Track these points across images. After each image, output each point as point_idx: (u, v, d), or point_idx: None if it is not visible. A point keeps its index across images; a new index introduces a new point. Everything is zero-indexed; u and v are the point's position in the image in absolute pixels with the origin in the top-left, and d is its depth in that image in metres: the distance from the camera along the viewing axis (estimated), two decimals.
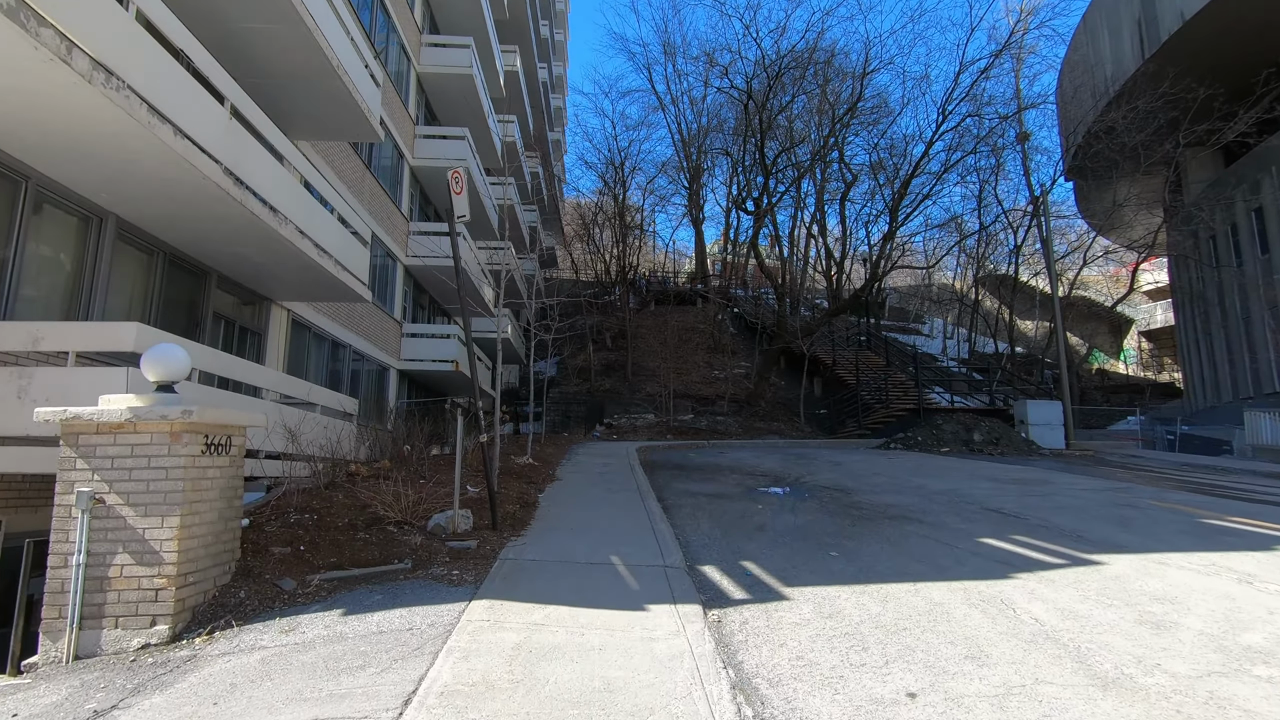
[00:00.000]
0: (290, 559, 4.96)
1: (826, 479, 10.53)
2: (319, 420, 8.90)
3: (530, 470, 9.74)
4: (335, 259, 9.29)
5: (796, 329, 22.99)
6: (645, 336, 31.08)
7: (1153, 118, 21.61)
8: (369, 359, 14.91)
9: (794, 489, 9.43)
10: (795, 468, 12.06)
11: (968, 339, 40.33)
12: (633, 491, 8.68)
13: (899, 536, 6.41)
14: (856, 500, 8.49)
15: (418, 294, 18.81)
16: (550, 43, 39.11)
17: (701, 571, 5.19)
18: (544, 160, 35.62)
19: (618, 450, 14.48)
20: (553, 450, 13.34)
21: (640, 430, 21.53)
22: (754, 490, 9.35)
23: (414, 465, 8.54)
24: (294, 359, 11.26)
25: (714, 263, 42.78)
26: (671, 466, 12.36)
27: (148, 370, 4.40)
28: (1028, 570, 5.18)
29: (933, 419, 17.28)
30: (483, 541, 5.58)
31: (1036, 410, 16.92)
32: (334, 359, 13.11)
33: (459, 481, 5.79)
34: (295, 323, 11.25)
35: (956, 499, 8.56)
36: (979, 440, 16.01)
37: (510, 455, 10.86)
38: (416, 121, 18.33)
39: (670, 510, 7.81)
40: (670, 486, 9.73)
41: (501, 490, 7.69)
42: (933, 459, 13.82)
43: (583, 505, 7.54)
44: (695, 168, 38.97)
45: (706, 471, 11.58)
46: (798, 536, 6.43)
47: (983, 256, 34.07)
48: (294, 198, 8.12)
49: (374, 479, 7.72)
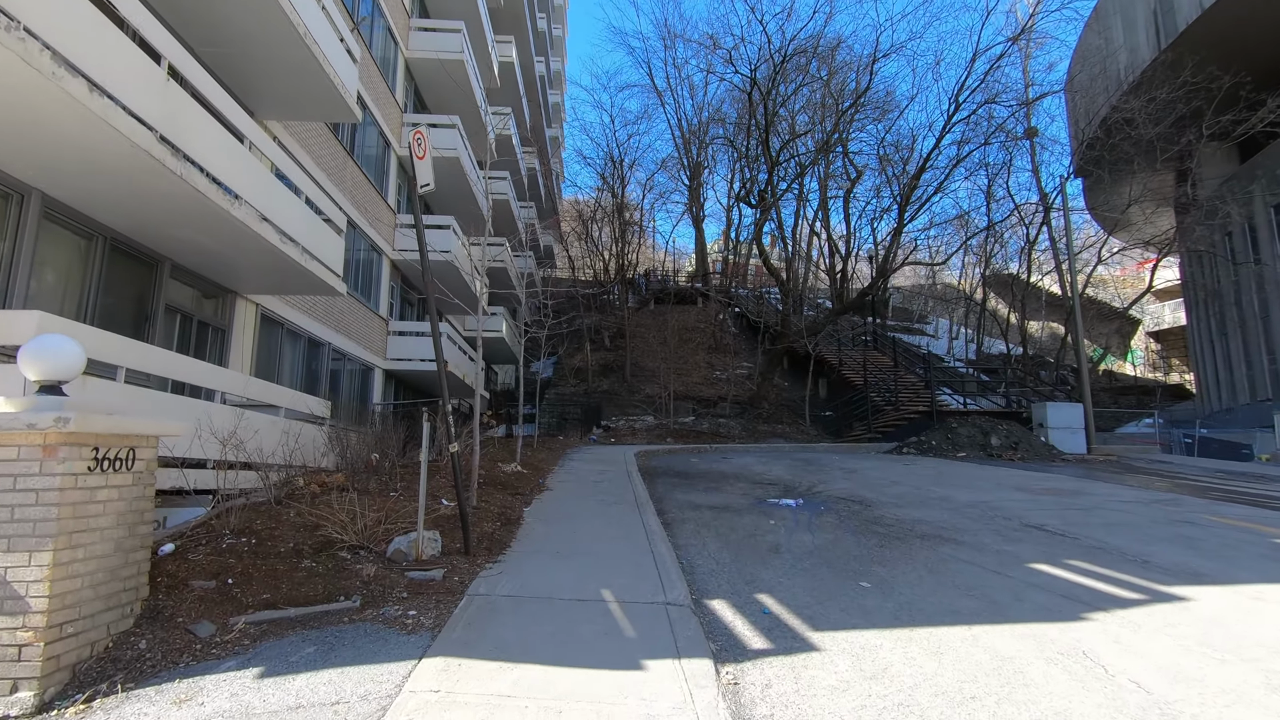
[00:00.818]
0: (214, 596, 4.10)
1: (841, 489, 9.67)
2: (281, 425, 8.04)
3: (517, 479, 8.88)
4: (302, 247, 8.43)
5: (801, 328, 22.14)
6: (644, 336, 30.23)
7: (1172, 108, 20.76)
8: (351, 358, 14.05)
9: (807, 501, 8.57)
10: (805, 475, 11.21)
11: (973, 339, 39.53)
12: (630, 504, 7.82)
13: (937, 561, 5.55)
14: (879, 515, 7.63)
15: (406, 290, 17.95)
16: (548, 37, 38.31)
17: (710, 608, 4.33)
18: (541, 156, 34.80)
19: (615, 455, 13.63)
20: (545, 456, 12.48)
21: (639, 433, 20.67)
22: (763, 502, 8.49)
23: (385, 475, 7.68)
24: (264, 357, 10.40)
25: (715, 262, 41.95)
26: (672, 474, 11.50)
27: (25, 366, 3.54)
28: (1101, 608, 4.33)
29: (947, 422, 16.43)
30: (451, 570, 4.71)
31: (1056, 413, 16.07)
32: (311, 358, 12.25)
33: (424, 498, 4.93)
34: (265, 318, 10.39)
35: (990, 513, 7.70)
36: (997, 445, 15.16)
37: (497, 462, 10.00)
38: (405, 109, 17.49)
39: (672, 527, 6.96)
40: (671, 497, 8.88)
41: (482, 504, 6.83)
42: (951, 466, 12.96)
43: (573, 521, 6.68)
44: (695, 164, 38.16)
45: (710, 480, 10.72)
46: (820, 560, 5.57)
47: (990, 254, 33.24)
48: (251, 176, 7.26)
49: (339, 491, 6.86)
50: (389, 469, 7.98)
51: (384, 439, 9.52)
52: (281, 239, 7.87)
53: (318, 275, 8.92)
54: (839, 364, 23.79)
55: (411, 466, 8.80)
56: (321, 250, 9.07)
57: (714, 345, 29.95)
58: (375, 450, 7.66)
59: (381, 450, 8.86)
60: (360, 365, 14.65)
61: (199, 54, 8.05)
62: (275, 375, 10.73)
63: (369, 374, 15.21)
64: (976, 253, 34.53)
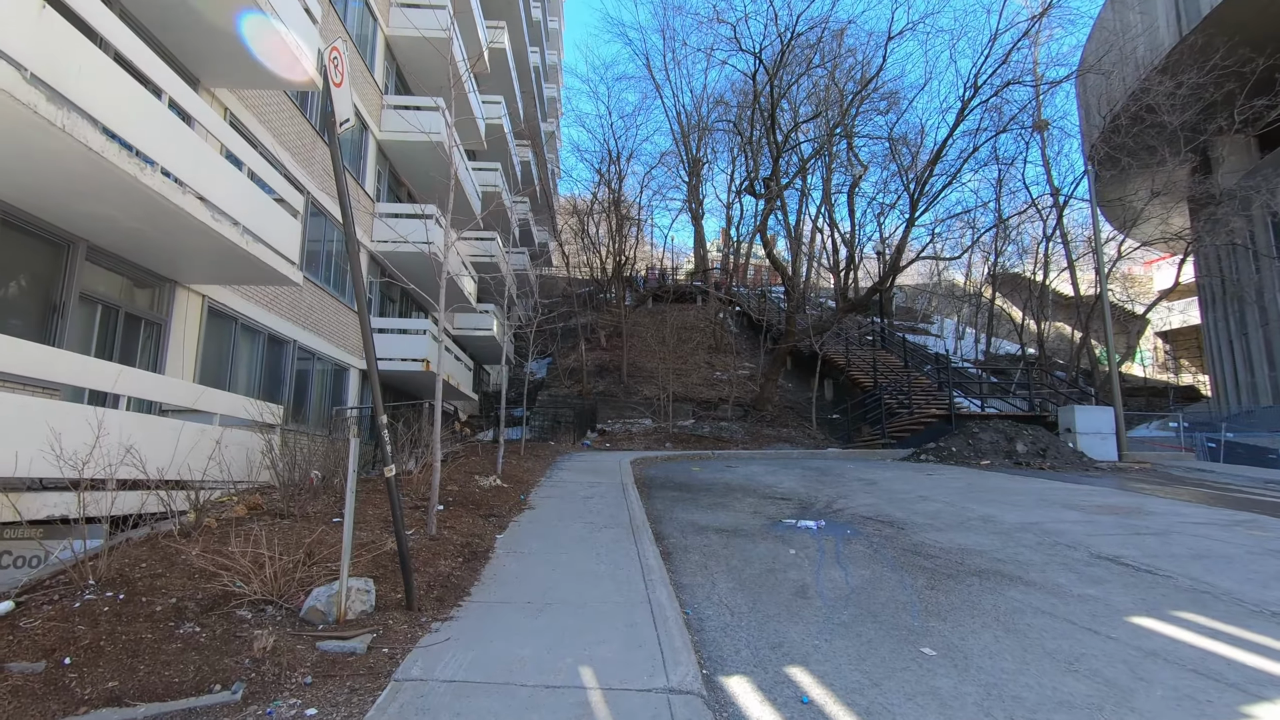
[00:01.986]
0: (36, 687, 2.93)
1: (864, 506, 8.51)
2: (213, 434, 6.87)
3: (495, 496, 7.71)
4: (244, 228, 7.26)
5: (808, 326, 20.98)
6: (642, 335, 29.06)
7: (1201, 93, 19.63)
8: (322, 357, 12.87)
9: (829, 522, 7.41)
10: (821, 488, 10.05)
11: (980, 340, 38.43)
12: (623, 528, 6.66)
13: (1009, 612, 4.39)
14: (918, 541, 6.47)
15: (387, 285, 16.77)
16: (544, 28, 37.15)
17: (729, 695, 3.18)
18: (536, 151, 33.64)
19: (609, 463, 12.46)
20: (531, 465, 11.31)
21: (636, 437, 19.50)
22: (778, 523, 7.33)
23: (336, 494, 6.51)
24: (211, 356, 9.22)
25: (714, 262, 40.82)
26: (672, 486, 10.34)
27: None
28: (1265, 696, 3.17)
29: (967, 427, 15.28)
30: (383, 636, 3.55)
31: (1085, 417, 14.94)
32: (272, 357, 11.07)
33: (350, 535, 3.75)
34: (214, 312, 9.22)
35: (1048, 540, 6.55)
36: (1023, 451, 14.02)
37: (474, 475, 8.83)
38: (385, 91, 16.33)
39: (673, 557, 5.81)
40: (671, 517, 7.72)
41: (445, 533, 5.66)
42: (979, 476, 11.81)
43: (554, 555, 5.51)
44: (695, 159, 37.09)
45: (714, 493, 9.56)
46: (861, 610, 4.42)
47: (1001, 250, 32.15)
48: (171, 139, 6.09)
49: (273, 517, 5.69)
50: (340, 486, 6.80)
51: (338, 448, 8.36)
52: (215, 216, 6.70)
53: (264, 261, 7.75)
54: (846, 364, 22.65)
55: (373, 481, 7.63)
56: (270, 233, 7.90)
57: (714, 345, 28.79)
58: (320, 466, 6.48)
59: (333, 463, 7.69)
60: (333, 365, 13.48)
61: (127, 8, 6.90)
62: (227, 376, 9.57)
63: (343, 375, 14.04)
64: (986, 250, 33.43)
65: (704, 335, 29.82)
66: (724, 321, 30.66)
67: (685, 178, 37.70)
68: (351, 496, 3.76)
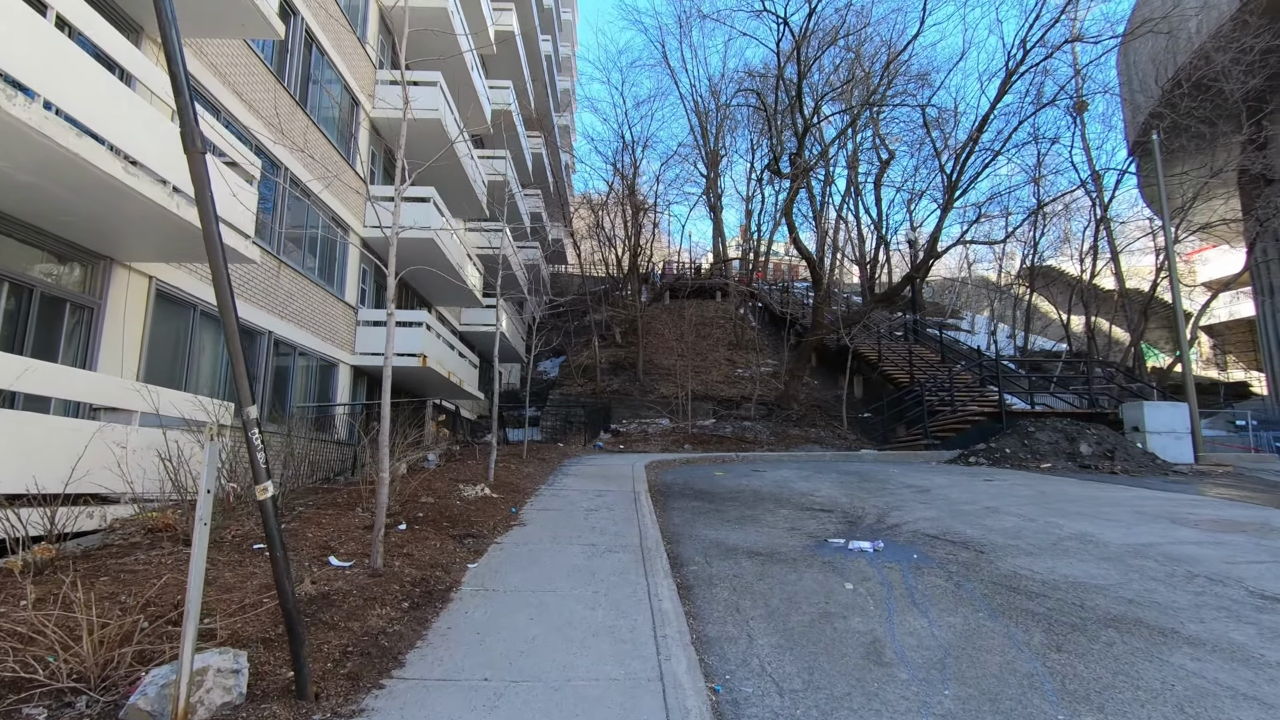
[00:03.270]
0: None
1: (924, 520, 7.09)
2: (145, 438, 5.66)
3: (479, 510, 6.41)
4: (174, 186, 6.04)
5: (838, 318, 19.48)
6: (659, 331, 27.73)
7: (1265, 60, 17.79)
8: (305, 351, 11.70)
9: (887, 542, 6.01)
10: (866, 496, 8.63)
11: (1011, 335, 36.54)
12: (632, 551, 5.32)
13: (1190, 695, 2.99)
14: (1007, 571, 5.05)
15: (382, 274, 15.60)
16: (556, 17, 35.97)
17: None
18: (548, 142, 32.43)
19: (621, 467, 11.13)
20: (532, 471, 10.01)
21: (652, 439, 18.15)
22: (824, 544, 5.95)
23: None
24: (160, 347, 8.05)
25: (734, 260, 39.38)
26: (692, 494, 8.98)
27: None
28: None
29: (1020, 425, 13.71)
30: None
31: (1155, 415, 13.29)
32: (245, 353, 9.86)
33: (197, 588, 2.46)
34: (163, 296, 8.04)
35: (1179, 569, 5.09)
36: (1088, 453, 12.44)
37: (460, 483, 7.55)
38: (380, 66, 15.18)
39: (694, 595, 4.47)
40: (692, 534, 6.37)
41: (399, 562, 4.36)
42: (1046, 482, 10.29)
43: (536, 593, 4.19)
44: (713, 152, 35.79)
45: (742, 503, 8.19)
46: (969, 688, 3.03)
47: (1038, 239, 30.32)
48: (64, 71, 4.87)
49: (174, 545, 4.45)
50: (284, 500, 5.54)
51: (309, 451, 7.14)
52: (129, 170, 5.48)
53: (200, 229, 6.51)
54: (878, 359, 21.09)
55: (323, 493, 6.37)
56: (216, 200, 6.65)
57: (735, 341, 27.37)
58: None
59: (296, 470, 6.45)
60: (318, 360, 12.31)
61: None
62: (184, 371, 8.39)
63: (331, 371, 12.87)
64: (1022, 239, 31.57)
65: (724, 331, 28.42)
66: (745, 317, 29.23)
67: (703, 171, 36.41)
68: (202, 535, 2.46)
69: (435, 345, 14.61)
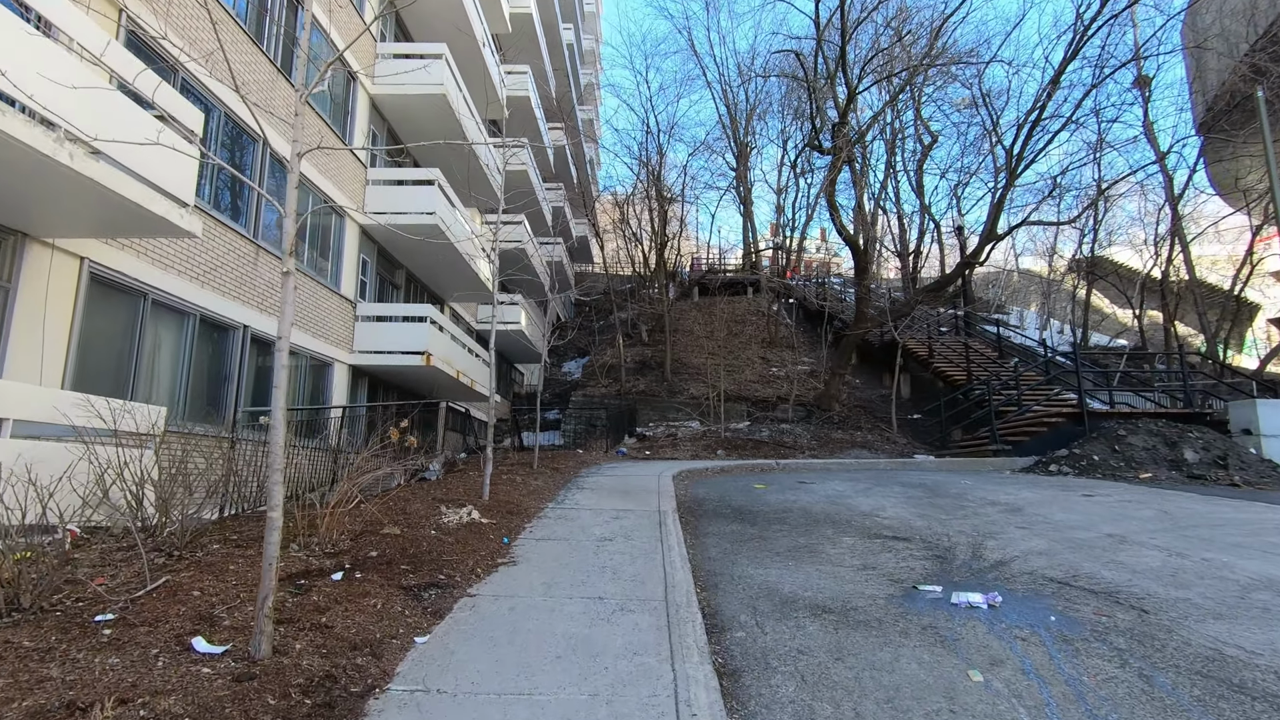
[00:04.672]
0: None
1: (1036, 554, 5.46)
2: (12, 450, 4.36)
3: (458, 544, 4.98)
4: (67, 132, 4.73)
5: (884, 311, 17.72)
6: (688, 328, 26.20)
7: None
8: (293, 350, 10.43)
9: (1001, 590, 4.42)
10: (945, 518, 7.00)
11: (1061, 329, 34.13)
12: (652, 608, 3.85)
13: None
14: (1206, 650, 3.44)
15: (384, 265, 14.40)
16: (579, 7, 34.74)
17: None
18: (571, 135, 31.11)
19: (645, 479, 9.66)
20: (541, 484, 8.57)
21: (681, 443, 16.64)
22: (914, 594, 4.39)
23: (179, 550, 3.90)
24: (99, 342, 6.82)
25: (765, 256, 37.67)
26: (730, 514, 7.46)
27: None
28: None
29: (1106, 428, 11.86)
30: None
31: (1272, 416, 11.32)
32: (209, 347, 8.68)
33: None
34: (100, 281, 6.81)
35: None
36: (1195, 460, 10.56)
37: (443, 504, 6.14)
38: (380, 39, 13.97)
39: (744, 690, 2.99)
40: (733, 576, 4.86)
41: (301, 643, 2.94)
42: (1159, 497, 8.50)
43: (503, 703, 2.74)
44: (741, 144, 34.22)
45: (792, 527, 6.64)
46: None
47: (1099, 223, 28.01)
48: None
49: None
50: (187, 536, 4.17)
51: (253, 462, 5.84)
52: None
53: (120, 194, 5.23)
54: (929, 356, 19.24)
55: (257, 521, 5.02)
56: (150, 166, 5.39)
57: (768, 339, 25.68)
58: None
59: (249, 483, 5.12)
60: (309, 359, 11.08)
61: None
62: (129, 373, 7.16)
63: (324, 371, 11.64)
64: (1079, 226, 29.23)
65: (756, 328, 26.75)
66: (778, 313, 27.51)
67: (732, 164, 34.85)
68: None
69: (442, 342, 13.32)
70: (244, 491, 5.72)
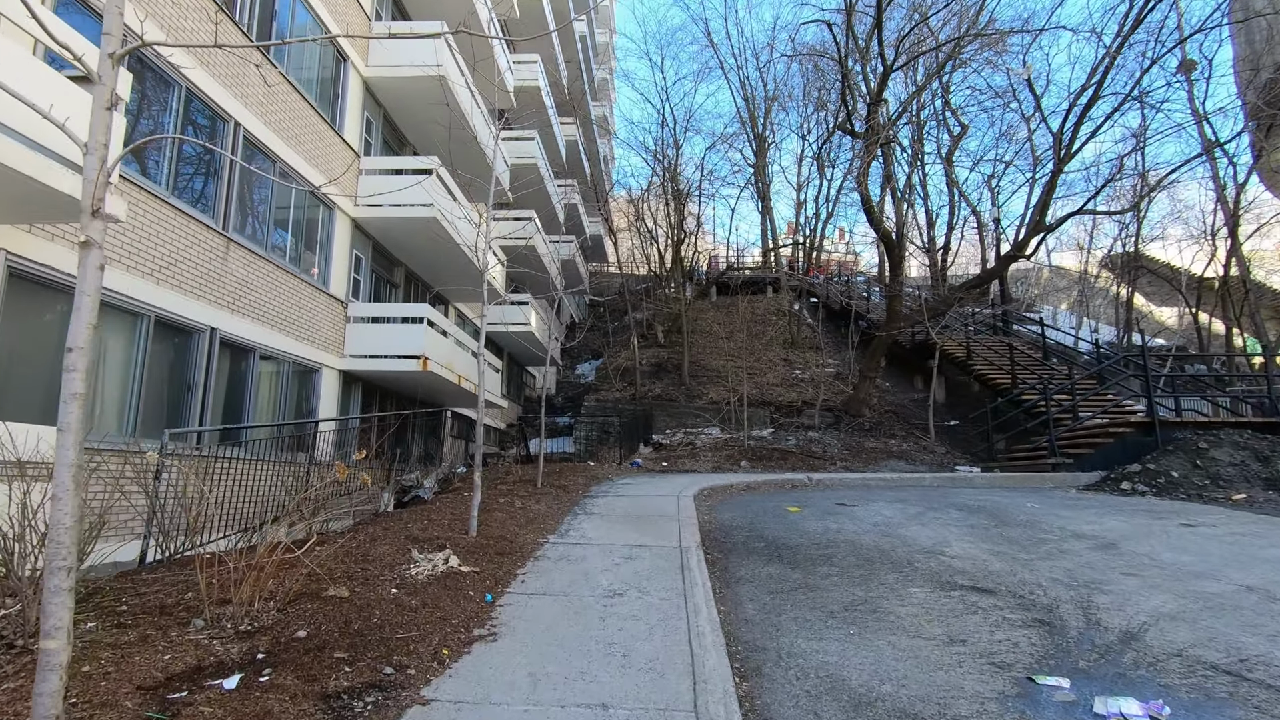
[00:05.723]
0: None
1: (1167, 617, 4.23)
2: None
3: (427, 605, 3.87)
4: None
5: (920, 309, 16.41)
6: (706, 329, 25.02)
7: None
8: (271, 355, 9.46)
9: (1161, 692, 3.21)
10: (1029, 558, 5.77)
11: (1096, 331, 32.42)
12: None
13: None
14: None
15: (381, 263, 13.38)
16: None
17: None
18: (584, 130, 30.02)
19: (663, 500, 8.50)
20: (543, 508, 7.44)
21: (701, 453, 15.46)
22: (1032, 693, 3.19)
23: None
24: (18, 350, 5.80)
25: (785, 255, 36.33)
26: (765, 550, 6.28)
27: None
28: None
29: (1182, 440, 10.50)
30: None
31: None
32: (167, 354, 7.66)
33: None
34: (22, 277, 5.78)
35: None
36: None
37: (413, 546, 5.02)
38: (375, 18, 12.96)
39: None
40: (779, 655, 3.69)
41: None
42: (1266, 526, 7.18)
43: None
44: (760, 137, 32.99)
45: (842, 570, 5.46)
46: None
47: (1143, 217, 26.37)
48: None
49: None
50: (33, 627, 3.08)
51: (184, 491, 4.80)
52: None
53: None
54: (966, 357, 17.88)
55: (189, 567, 3.94)
56: (35, 121, 4.34)
57: (790, 339, 24.41)
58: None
59: None
60: (292, 365, 10.05)
61: None
62: (58, 386, 6.09)
63: (310, 378, 10.61)
64: (1120, 221, 27.59)
65: (777, 329, 25.48)
66: (800, 313, 26.22)
67: (750, 159, 33.63)
68: None
69: (440, 345, 12.27)
70: (181, 522, 4.65)
